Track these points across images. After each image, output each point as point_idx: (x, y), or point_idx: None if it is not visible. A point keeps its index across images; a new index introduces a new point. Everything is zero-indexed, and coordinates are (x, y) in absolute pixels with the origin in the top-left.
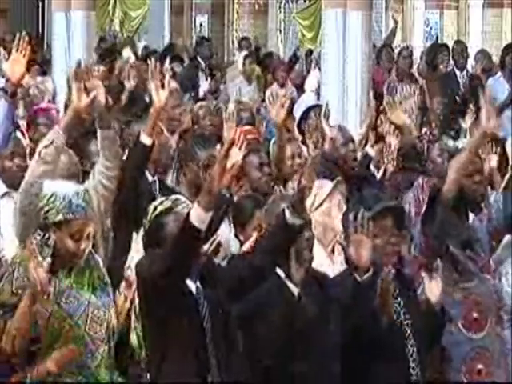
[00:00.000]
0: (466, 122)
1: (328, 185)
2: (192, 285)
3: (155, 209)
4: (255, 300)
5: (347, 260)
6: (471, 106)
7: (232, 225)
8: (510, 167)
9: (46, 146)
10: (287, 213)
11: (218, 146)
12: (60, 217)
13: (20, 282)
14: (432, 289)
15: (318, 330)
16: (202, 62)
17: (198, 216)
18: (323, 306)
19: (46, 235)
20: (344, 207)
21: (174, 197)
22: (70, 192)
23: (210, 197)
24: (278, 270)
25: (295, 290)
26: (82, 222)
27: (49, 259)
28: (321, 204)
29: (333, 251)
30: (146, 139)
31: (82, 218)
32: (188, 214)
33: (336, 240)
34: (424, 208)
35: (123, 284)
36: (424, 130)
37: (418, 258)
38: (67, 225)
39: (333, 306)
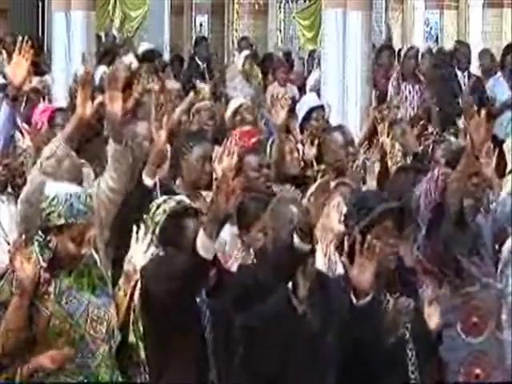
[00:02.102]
0: (463, 123)
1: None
2: None
3: (158, 207)
4: (261, 312)
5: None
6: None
7: (237, 226)
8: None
9: (47, 158)
10: (295, 237)
11: (217, 148)
12: (62, 220)
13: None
14: (431, 315)
15: (319, 342)
16: (200, 63)
17: (203, 244)
18: (325, 317)
19: (47, 237)
20: (344, 208)
21: (178, 197)
22: (72, 195)
23: (216, 224)
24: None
25: (300, 308)
26: (83, 226)
27: (43, 263)
28: None
29: (329, 252)
30: (148, 181)
31: (83, 222)
32: (194, 244)
33: (334, 241)
34: (430, 215)
35: (122, 279)
36: (430, 129)
37: (422, 261)
38: (69, 228)
39: (333, 318)
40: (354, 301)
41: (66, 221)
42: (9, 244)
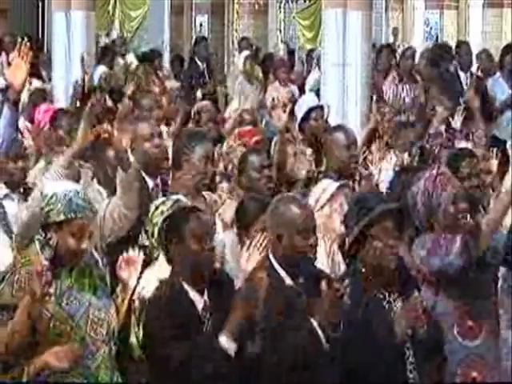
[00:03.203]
0: (456, 122)
1: (332, 186)
2: (200, 300)
3: (157, 208)
4: (286, 346)
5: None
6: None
7: (236, 226)
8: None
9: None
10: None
11: (218, 147)
12: (61, 216)
13: (20, 285)
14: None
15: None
16: (200, 63)
17: (228, 346)
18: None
19: (48, 235)
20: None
21: (175, 197)
22: (71, 191)
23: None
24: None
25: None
26: (82, 221)
27: (45, 261)
28: (322, 207)
29: (332, 253)
30: None
31: (82, 217)
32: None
33: (337, 240)
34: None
35: (119, 287)
36: (442, 127)
37: (421, 270)
38: (68, 224)
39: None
40: (320, 334)
41: (66, 216)
42: (11, 238)
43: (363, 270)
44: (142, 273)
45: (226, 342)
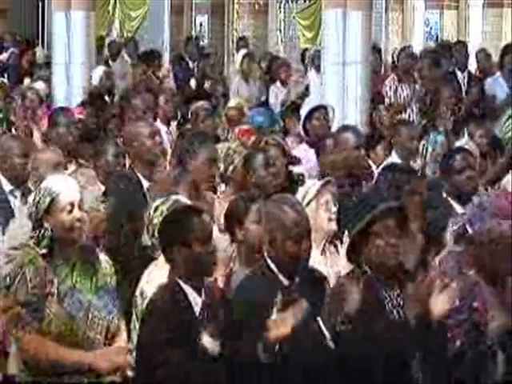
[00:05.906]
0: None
1: (317, 184)
2: (198, 300)
3: (156, 209)
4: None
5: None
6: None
7: (229, 224)
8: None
9: None
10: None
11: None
12: (48, 199)
13: (34, 282)
14: (437, 303)
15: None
16: (191, 63)
17: (211, 345)
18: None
19: (41, 231)
20: (333, 207)
21: (174, 197)
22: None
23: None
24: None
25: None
26: (68, 194)
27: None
28: (308, 204)
29: (324, 250)
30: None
31: (69, 194)
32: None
33: (327, 240)
34: None
35: None
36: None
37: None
38: (55, 203)
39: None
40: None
41: (51, 196)
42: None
43: (367, 268)
44: (141, 273)
45: (209, 342)
